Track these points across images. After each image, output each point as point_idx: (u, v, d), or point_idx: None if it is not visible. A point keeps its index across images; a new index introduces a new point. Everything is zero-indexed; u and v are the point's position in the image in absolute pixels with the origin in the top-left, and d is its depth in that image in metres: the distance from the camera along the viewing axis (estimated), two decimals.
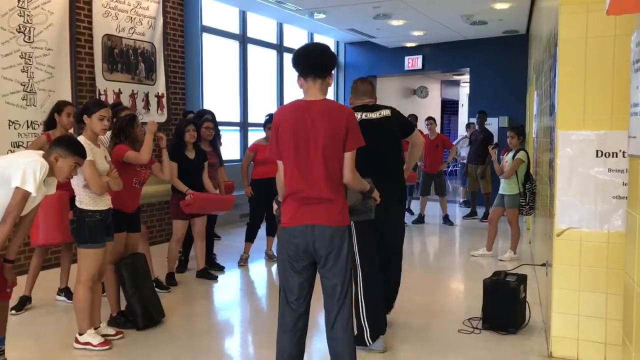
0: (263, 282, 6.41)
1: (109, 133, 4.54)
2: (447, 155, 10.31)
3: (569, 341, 3.75)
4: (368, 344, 3.90)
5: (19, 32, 6.03)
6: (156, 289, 4.92)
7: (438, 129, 10.19)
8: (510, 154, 6.81)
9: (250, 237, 6.69)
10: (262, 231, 6.79)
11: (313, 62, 2.90)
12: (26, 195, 3.16)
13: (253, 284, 6.43)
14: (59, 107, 4.95)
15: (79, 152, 3.47)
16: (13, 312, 4.70)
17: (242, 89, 10.05)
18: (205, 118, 6.44)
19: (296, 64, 2.93)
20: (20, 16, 6.05)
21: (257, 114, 7.01)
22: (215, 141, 6.51)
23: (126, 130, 4.50)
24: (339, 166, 2.86)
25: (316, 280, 3.00)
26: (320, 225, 2.82)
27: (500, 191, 6.88)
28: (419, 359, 3.98)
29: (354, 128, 2.86)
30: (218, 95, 9.47)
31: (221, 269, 6.33)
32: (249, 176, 6.66)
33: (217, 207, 6.01)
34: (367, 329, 3.90)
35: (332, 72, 2.96)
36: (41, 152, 3.40)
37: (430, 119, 9.82)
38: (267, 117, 6.70)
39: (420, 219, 9.60)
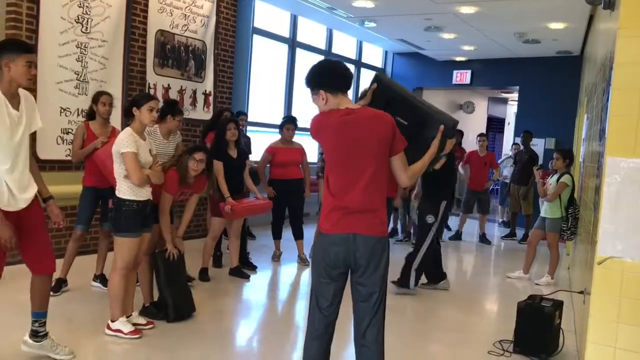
0: (293, 285, 6.42)
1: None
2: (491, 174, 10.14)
3: None
4: (410, 287, 5.67)
5: (77, 22, 6.21)
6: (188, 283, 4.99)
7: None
8: (555, 177, 6.66)
9: (276, 235, 6.89)
10: (290, 234, 6.87)
11: (341, 77, 2.88)
12: None
13: (284, 286, 6.45)
14: (95, 96, 5.09)
15: (24, 47, 3.26)
16: (50, 293, 4.81)
17: (288, 91, 10.13)
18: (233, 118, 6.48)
19: (325, 81, 2.87)
20: (80, 7, 6.23)
21: (301, 117, 7.06)
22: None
23: (183, 157, 4.66)
24: (385, 175, 2.84)
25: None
26: (362, 235, 2.80)
27: (542, 214, 6.73)
28: None
29: (398, 132, 2.86)
30: (263, 97, 9.56)
31: (254, 268, 6.37)
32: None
33: (256, 213, 6.14)
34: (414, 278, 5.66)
35: None
36: None
37: (482, 136, 9.67)
38: (284, 119, 6.84)
39: (458, 236, 9.46)
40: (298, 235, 6.82)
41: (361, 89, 8.74)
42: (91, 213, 5.12)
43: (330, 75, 2.89)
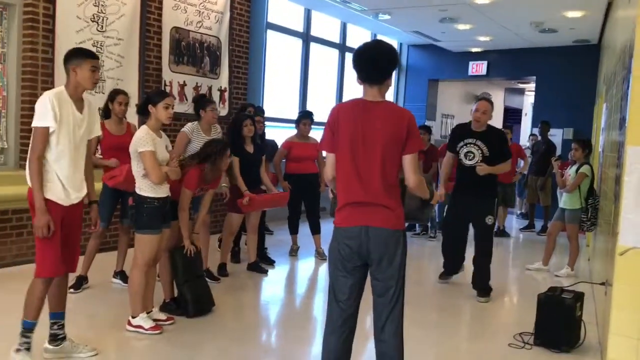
0: (311, 280, 6.43)
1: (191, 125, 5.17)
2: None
3: None
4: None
5: (92, 21, 6.26)
6: (206, 279, 5.01)
7: None
8: (574, 167, 6.59)
9: (293, 230, 6.92)
10: (307, 229, 6.86)
11: (369, 68, 2.82)
12: (42, 131, 3.24)
13: (302, 280, 6.46)
14: (112, 95, 5.11)
15: (89, 53, 3.48)
16: (71, 290, 4.87)
17: (302, 86, 10.12)
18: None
19: (354, 67, 2.87)
20: (95, 6, 6.27)
21: (316, 112, 7.05)
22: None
23: (214, 158, 4.58)
24: (396, 172, 2.81)
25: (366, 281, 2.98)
26: (375, 227, 2.79)
27: (561, 205, 6.66)
28: None
29: (415, 132, 2.81)
30: (278, 92, 9.56)
31: (272, 263, 6.39)
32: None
33: (272, 205, 6.20)
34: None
35: (392, 75, 2.89)
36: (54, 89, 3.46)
37: (506, 128, 9.60)
38: (301, 114, 6.89)
39: (503, 233, 9.26)
40: (315, 230, 6.83)
41: None
42: (111, 210, 5.17)
43: (357, 62, 2.86)
